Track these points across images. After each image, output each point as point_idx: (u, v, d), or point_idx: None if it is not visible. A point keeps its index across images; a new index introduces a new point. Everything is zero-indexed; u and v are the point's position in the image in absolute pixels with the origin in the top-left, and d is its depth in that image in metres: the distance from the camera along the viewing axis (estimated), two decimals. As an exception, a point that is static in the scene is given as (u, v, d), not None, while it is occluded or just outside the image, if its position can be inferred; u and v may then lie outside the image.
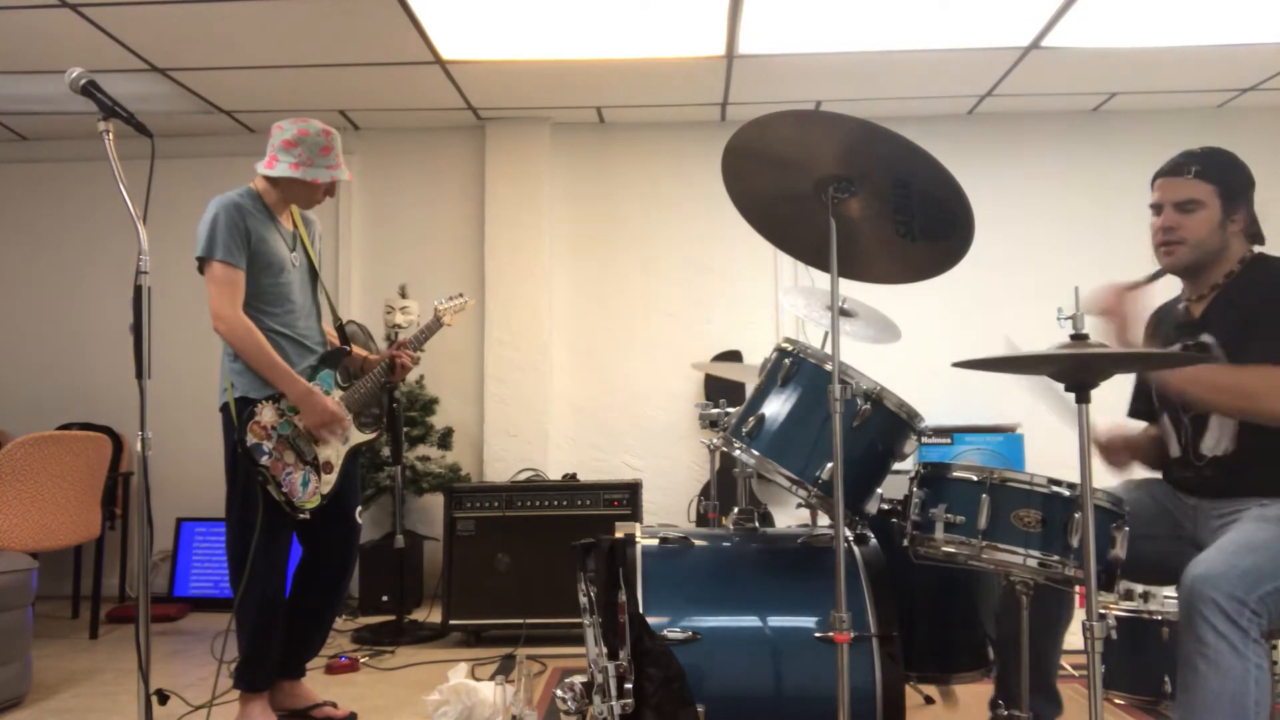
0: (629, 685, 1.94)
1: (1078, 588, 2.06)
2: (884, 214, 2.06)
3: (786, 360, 2.18)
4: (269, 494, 2.79)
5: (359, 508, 3.13)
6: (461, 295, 3.49)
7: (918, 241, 2.11)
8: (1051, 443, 4.73)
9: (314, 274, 3.09)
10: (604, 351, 5.42)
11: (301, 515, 2.86)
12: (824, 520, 2.94)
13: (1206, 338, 2.17)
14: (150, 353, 2.22)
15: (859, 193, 2.00)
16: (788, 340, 2.21)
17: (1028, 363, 1.95)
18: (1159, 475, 2.34)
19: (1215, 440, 2.15)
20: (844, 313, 2.85)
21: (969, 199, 1.94)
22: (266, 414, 2.81)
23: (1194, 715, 1.82)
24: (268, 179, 2.94)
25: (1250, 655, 1.79)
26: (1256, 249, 2.22)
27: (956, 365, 1.89)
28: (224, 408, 2.85)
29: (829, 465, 1.98)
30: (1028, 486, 1.97)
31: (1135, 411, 2.43)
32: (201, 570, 5.01)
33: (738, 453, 2.16)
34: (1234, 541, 1.93)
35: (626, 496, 4.07)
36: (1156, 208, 2.23)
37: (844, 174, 1.97)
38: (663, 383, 5.36)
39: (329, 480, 2.95)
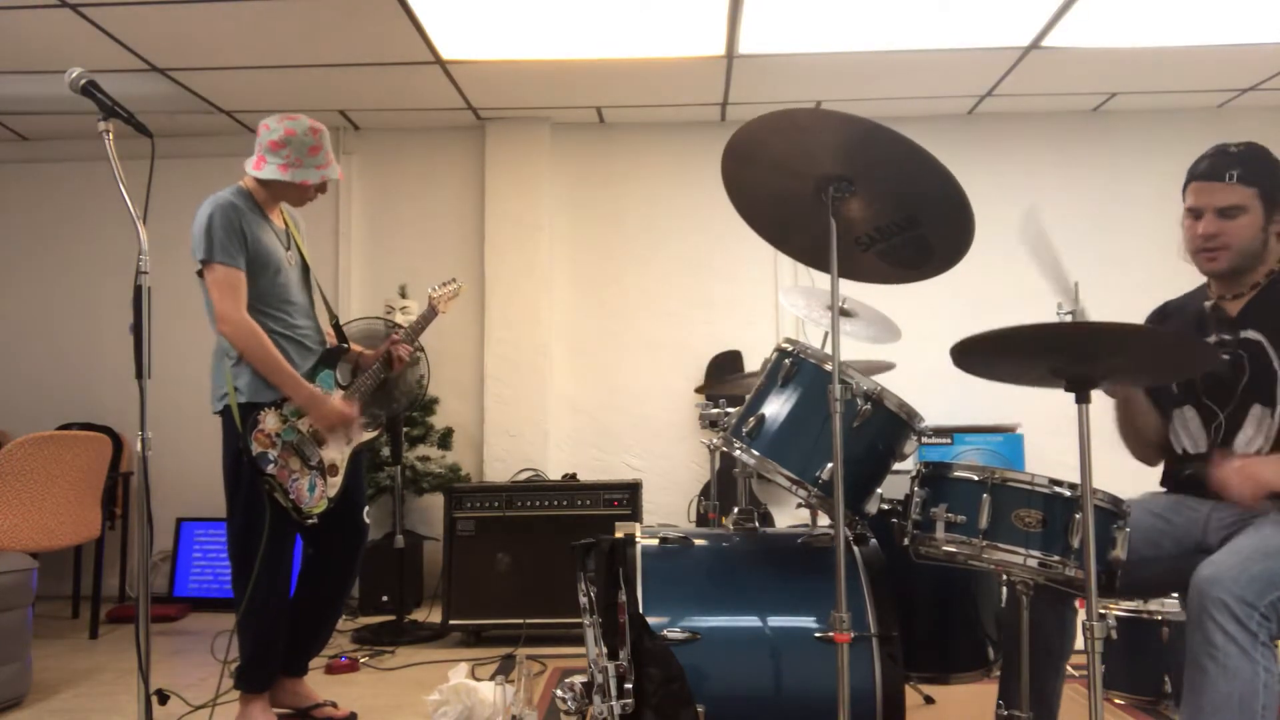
0: (629, 685, 1.94)
1: (1079, 603, 2.05)
2: (865, 220, 2.06)
3: (786, 360, 2.17)
4: (276, 501, 2.79)
5: (366, 508, 3.12)
6: (454, 280, 3.48)
7: (868, 253, 2.13)
8: (1051, 443, 4.75)
9: (308, 272, 3.07)
10: (604, 351, 5.42)
11: (309, 521, 2.86)
12: (824, 520, 2.94)
13: (1252, 333, 2.14)
14: (150, 353, 2.21)
15: (859, 191, 2.00)
16: (788, 340, 2.21)
17: (1026, 343, 1.89)
18: (1157, 488, 2.32)
19: (1248, 439, 2.12)
20: (844, 313, 2.86)
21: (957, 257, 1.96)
22: (270, 421, 2.80)
23: (1201, 717, 1.81)
24: (257, 179, 2.91)
25: (1259, 659, 1.78)
26: None
27: (953, 350, 1.86)
28: (224, 411, 2.83)
29: (829, 465, 1.98)
30: (1029, 486, 1.96)
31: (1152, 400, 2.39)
32: (201, 570, 5.01)
33: (738, 453, 2.16)
34: (1249, 544, 1.91)
35: (626, 496, 4.07)
36: (1195, 212, 2.15)
37: (846, 173, 1.97)
38: (663, 383, 5.36)
39: (335, 483, 2.94)
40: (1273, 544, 1.90)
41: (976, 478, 2.00)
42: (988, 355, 1.90)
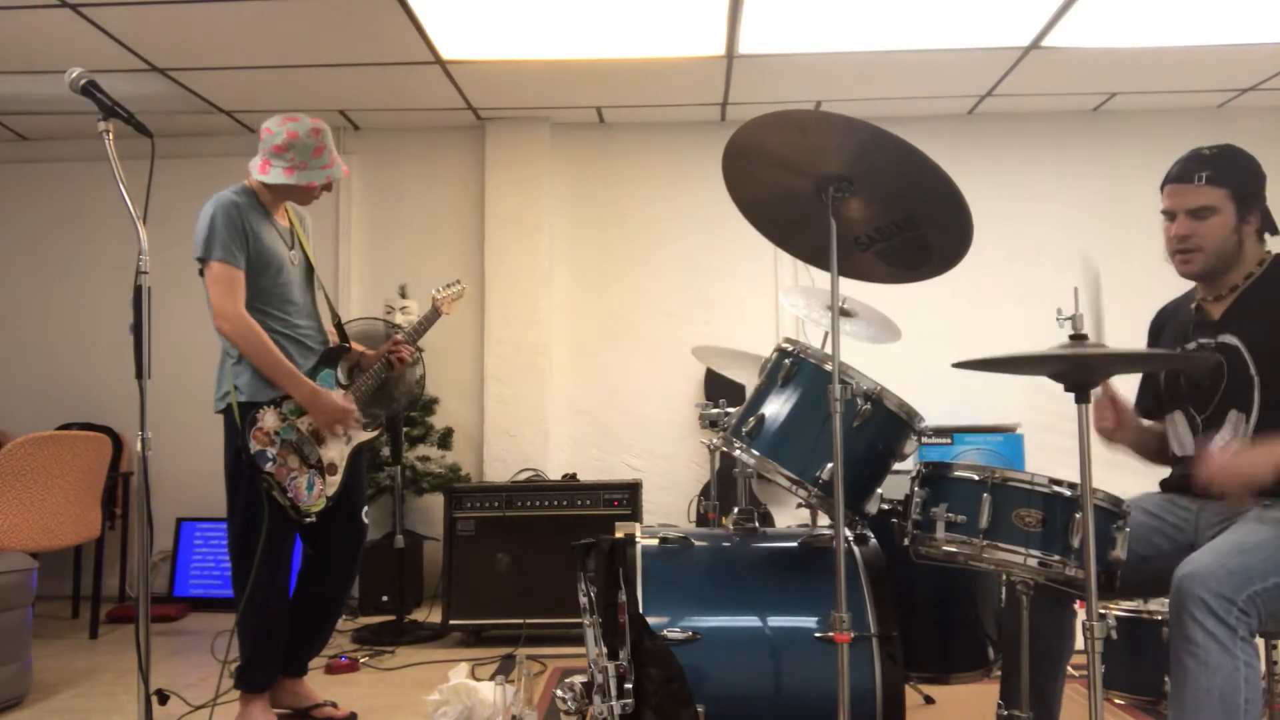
0: (629, 685, 1.94)
1: (1078, 605, 2.05)
2: (865, 221, 2.07)
3: (786, 360, 2.17)
4: (274, 499, 2.79)
5: (365, 507, 3.12)
6: (458, 282, 3.49)
7: (867, 253, 2.14)
8: (1051, 443, 4.76)
9: (311, 272, 3.08)
10: (604, 351, 5.42)
11: (308, 519, 2.86)
12: (824, 520, 2.94)
13: (1230, 338, 2.15)
14: (150, 353, 2.21)
15: (860, 192, 2.01)
16: (788, 340, 2.21)
17: (1027, 363, 1.95)
18: (1155, 490, 2.33)
19: (1227, 440, 2.13)
20: (844, 313, 2.86)
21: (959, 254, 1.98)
22: (269, 419, 2.80)
23: (1185, 714, 1.82)
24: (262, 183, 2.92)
25: (1239, 653, 1.79)
26: (1269, 237, 2.20)
27: (956, 366, 1.89)
28: (225, 411, 2.83)
29: (829, 465, 1.98)
30: (1029, 486, 1.96)
31: (1141, 409, 2.42)
32: (201, 570, 5.01)
33: (738, 453, 2.16)
34: (1227, 542, 1.93)
35: (626, 496, 4.07)
36: (1169, 215, 2.19)
37: (846, 174, 1.97)
38: (663, 383, 5.36)
39: (334, 482, 2.94)
40: (1250, 540, 1.91)
41: (977, 477, 2.00)
42: (987, 366, 1.92)
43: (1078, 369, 1.83)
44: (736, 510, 2.45)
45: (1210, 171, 2.13)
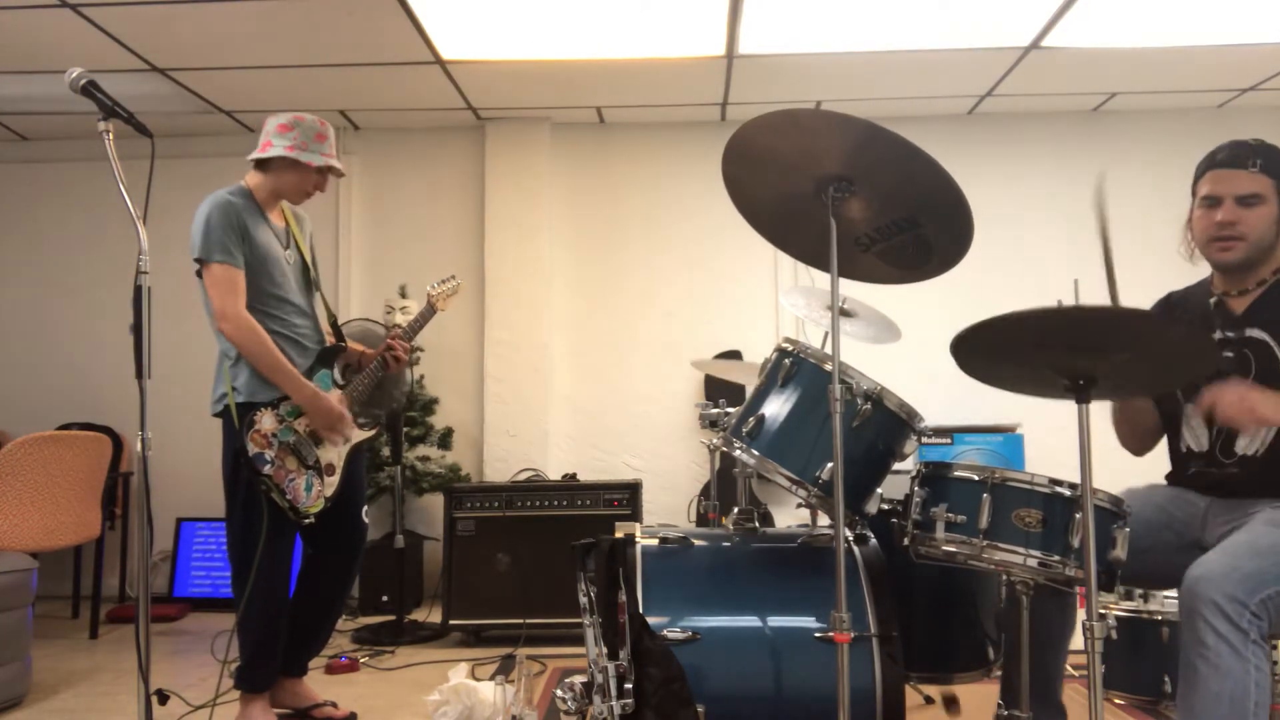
0: (629, 685, 1.94)
1: (1079, 590, 2.05)
2: (865, 221, 2.07)
3: (786, 360, 2.17)
4: (273, 501, 2.79)
5: (365, 507, 3.12)
6: (453, 277, 3.48)
7: (868, 253, 2.14)
8: (1051, 443, 4.75)
9: (308, 272, 3.07)
10: (604, 351, 5.42)
11: (306, 520, 2.86)
12: (824, 520, 2.94)
13: (1257, 333, 2.12)
14: (150, 353, 2.22)
15: (859, 191, 2.01)
16: (788, 340, 2.21)
17: (1028, 332, 1.89)
18: (1160, 482, 2.32)
19: (1249, 440, 2.11)
20: (844, 313, 2.86)
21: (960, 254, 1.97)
22: (266, 421, 2.80)
23: (1194, 716, 1.81)
24: (260, 167, 2.91)
25: (1250, 657, 1.78)
26: None
27: (955, 342, 1.86)
28: (224, 412, 2.83)
29: (829, 465, 1.98)
30: (1029, 486, 1.96)
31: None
32: (201, 570, 5.01)
33: (738, 453, 2.15)
34: (1239, 543, 1.91)
35: (626, 496, 4.07)
36: (1212, 200, 2.13)
37: (846, 174, 1.97)
38: (663, 383, 5.36)
39: (332, 483, 2.94)
40: (1263, 542, 1.90)
41: (977, 477, 2.01)
42: (989, 350, 1.89)
43: (1079, 354, 1.80)
44: (736, 510, 2.45)
45: (1263, 160, 2.09)
